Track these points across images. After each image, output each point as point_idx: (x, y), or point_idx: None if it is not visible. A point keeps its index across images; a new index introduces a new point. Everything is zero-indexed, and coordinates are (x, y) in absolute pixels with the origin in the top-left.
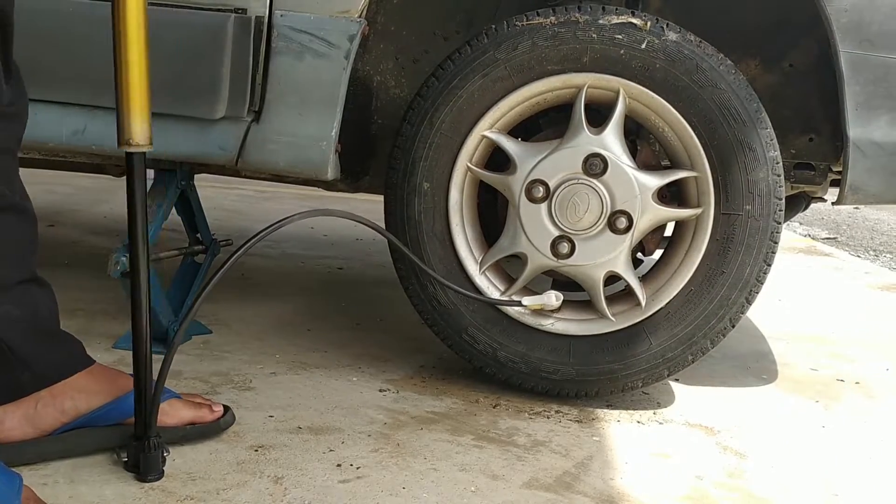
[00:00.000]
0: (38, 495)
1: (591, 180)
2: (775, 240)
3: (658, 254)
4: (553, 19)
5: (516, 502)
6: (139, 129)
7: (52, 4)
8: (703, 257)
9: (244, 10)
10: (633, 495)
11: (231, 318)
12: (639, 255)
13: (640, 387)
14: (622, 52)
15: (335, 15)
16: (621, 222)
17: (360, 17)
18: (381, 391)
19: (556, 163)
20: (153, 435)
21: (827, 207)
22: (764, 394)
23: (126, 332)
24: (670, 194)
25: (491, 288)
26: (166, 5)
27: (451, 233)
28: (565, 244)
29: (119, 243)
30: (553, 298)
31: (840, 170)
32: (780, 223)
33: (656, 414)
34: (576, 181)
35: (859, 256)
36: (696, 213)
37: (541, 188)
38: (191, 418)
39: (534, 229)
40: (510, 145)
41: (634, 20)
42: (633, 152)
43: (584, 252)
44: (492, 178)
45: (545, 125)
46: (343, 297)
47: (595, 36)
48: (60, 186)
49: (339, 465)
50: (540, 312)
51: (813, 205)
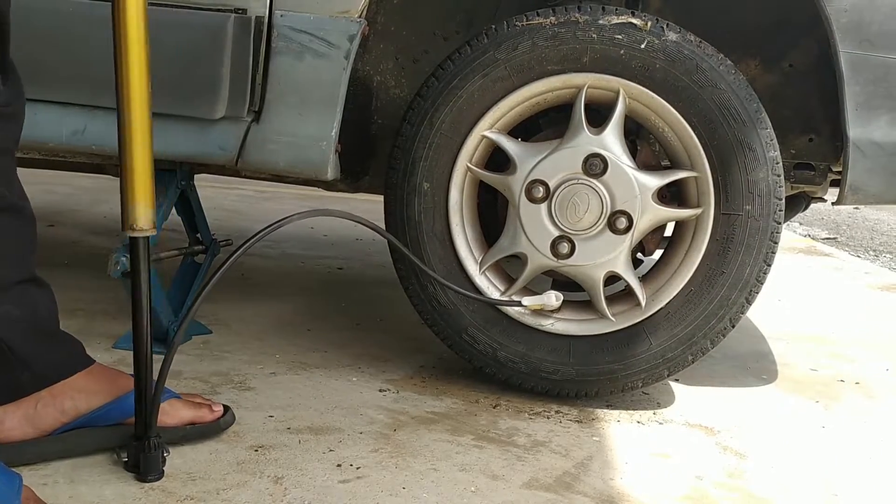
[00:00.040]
0: (37, 495)
1: (591, 180)
2: (775, 240)
3: (658, 254)
4: (553, 19)
5: (516, 502)
6: (143, 214)
7: (51, 4)
8: (703, 257)
9: (244, 11)
10: (633, 495)
11: (231, 318)
12: (639, 255)
13: (640, 387)
14: (622, 52)
15: (335, 15)
16: (621, 222)
17: (360, 17)
18: (381, 391)
19: (556, 163)
20: (154, 435)
21: (827, 207)
22: (764, 394)
23: (126, 332)
24: (670, 194)
25: (491, 288)
26: (166, 5)
27: (451, 233)
28: (565, 244)
29: (119, 243)
30: (553, 298)
31: (840, 170)
32: (780, 223)
33: (656, 414)
34: (576, 181)
35: (859, 256)
36: (696, 214)
37: (541, 188)
38: (191, 418)
39: (534, 229)
40: (510, 145)
41: (634, 20)
42: (633, 152)
43: (584, 252)
44: (492, 178)
45: (545, 125)
46: (343, 297)
47: (595, 36)
48: (60, 186)
49: (339, 465)
50: (540, 312)
51: (813, 205)
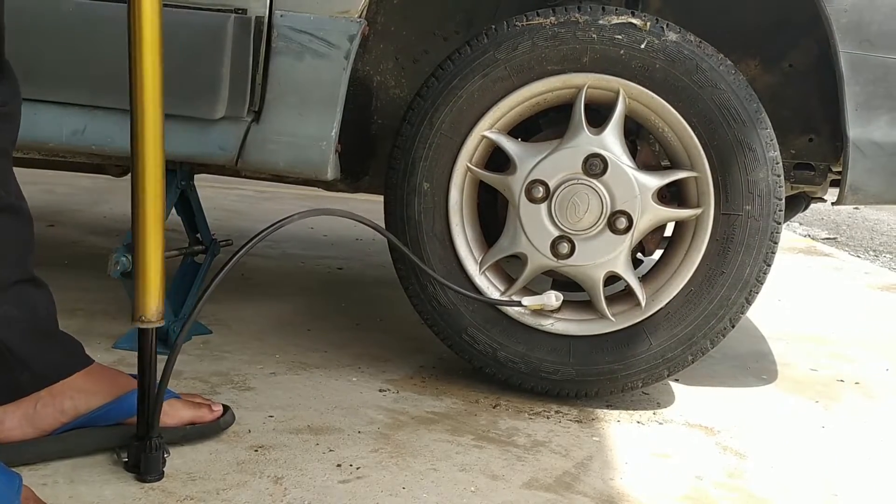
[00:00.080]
0: (37, 495)
1: (591, 180)
2: (775, 240)
3: (658, 254)
4: (553, 20)
5: (516, 502)
6: (153, 307)
7: (51, 4)
8: (702, 257)
9: (244, 11)
10: (633, 495)
11: (231, 318)
12: (639, 255)
13: (639, 387)
14: (622, 52)
15: (335, 15)
16: (621, 222)
17: (360, 17)
18: (380, 391)
19: (556, 163)
20: (155, 435)
21: (827, 207)
22: (764, 394)
23: (126, 332)
24: (670, 194)
25: (491, 288)
26: (166, 5)
27: (451, 233)
28: (565, 244)
29: (119, 243)
30: (553, 298)
31: (840, 170)
32: (780, 223)
33: (656, 414)
34: (576, 181)
35: (859, 256)
36: (695, 214)
37: (541, 188)
38: (190, 418)
39: (534, 229)
40: (510, 145)
41: (634, 20)
42: (633, 152)
43: (583, 252)
44: (492, 178)
45: (545, 125)
46: (343, 297)
47: (595, 36)
48: (60, 186)
49: (338, 466)
50: (540, 312)
51: (813, 205)
